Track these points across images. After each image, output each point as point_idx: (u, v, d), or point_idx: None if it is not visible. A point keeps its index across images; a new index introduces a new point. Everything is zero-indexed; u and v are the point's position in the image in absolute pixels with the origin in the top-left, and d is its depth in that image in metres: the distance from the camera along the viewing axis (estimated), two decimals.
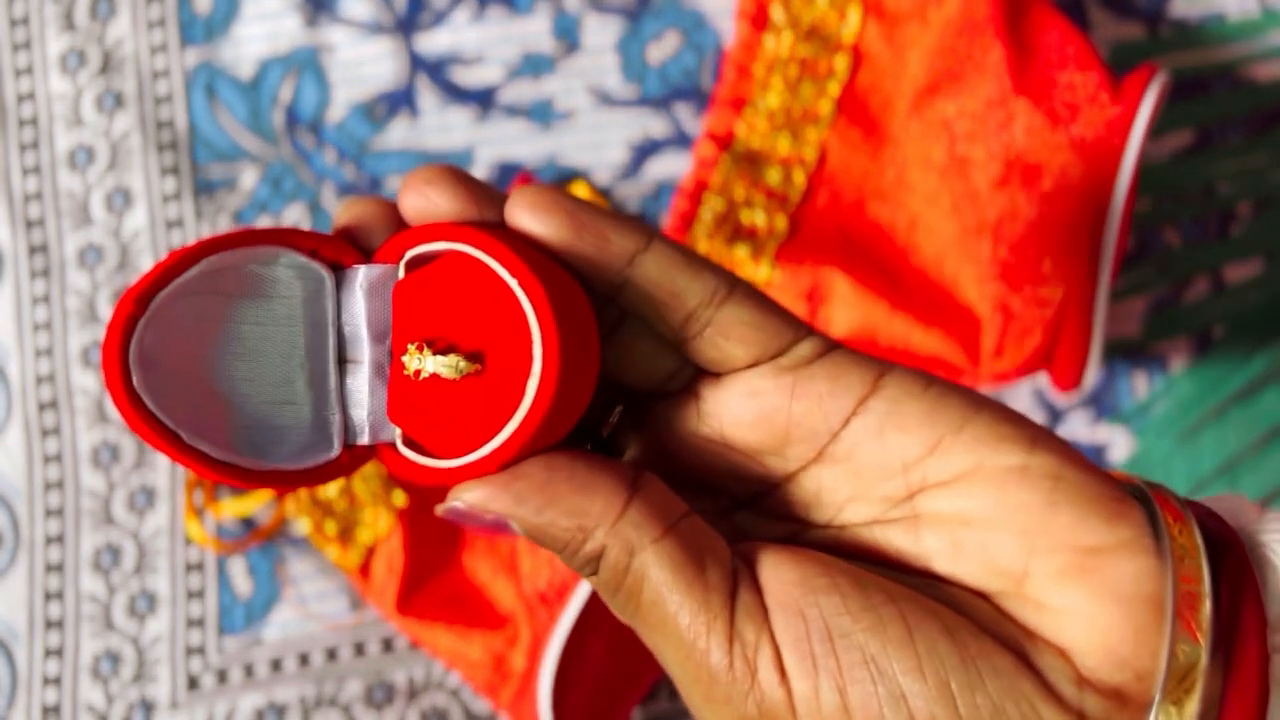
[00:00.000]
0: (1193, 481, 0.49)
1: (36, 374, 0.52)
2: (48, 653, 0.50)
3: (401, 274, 0.23)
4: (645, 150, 0.51)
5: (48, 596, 0.50)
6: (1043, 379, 0.49)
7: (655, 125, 0.52)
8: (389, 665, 0.50)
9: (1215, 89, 0.52)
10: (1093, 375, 0.45)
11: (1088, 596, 0.22)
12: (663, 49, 0.52)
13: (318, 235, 0.23)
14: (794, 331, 0.24)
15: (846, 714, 0.21)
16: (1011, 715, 0.21)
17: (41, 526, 0.51)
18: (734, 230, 0.48)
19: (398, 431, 0.23)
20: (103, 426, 0.51)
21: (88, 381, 0.51)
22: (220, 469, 0.22)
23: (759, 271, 0.48)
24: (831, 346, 0.24)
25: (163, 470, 0.51)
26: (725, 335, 0.24)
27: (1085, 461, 0.24)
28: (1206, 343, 0.51)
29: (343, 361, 0.23)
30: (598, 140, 0.52)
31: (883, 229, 0.48)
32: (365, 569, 0.48)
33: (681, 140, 0.51)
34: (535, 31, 0.53)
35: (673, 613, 0.22)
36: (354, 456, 0.23)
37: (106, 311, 0.52)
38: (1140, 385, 0.51)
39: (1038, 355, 0.46)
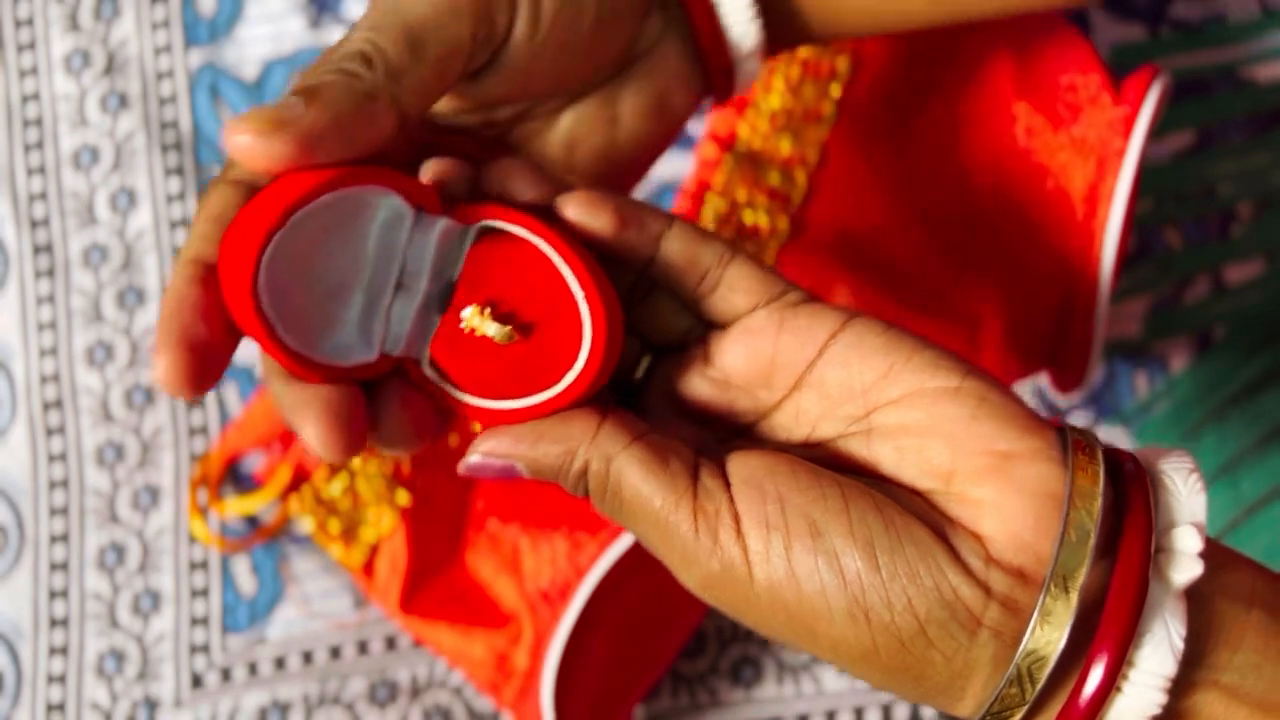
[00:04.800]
0: None
1: (41, 373, 0.52)
2: (52, 651, 0.50)
3: (471, 237, 0.28)
4: None
5: (52, 595, 0.51)
6: (1044, 379, 0.50)
7: None
8: (392, 663, 0.50)
9: (1216, 90, 0.52)
10: (1094, 375, 0.46)
11: (999, 490, 0.27)
12: None
13: (412, 180, 0.27)
14: (784, 285, 0.30)
15: (789, 565, 0.26)
16: (923, 576, 0.26)
17: (46, 525, 0.51)
18: (736, 231, 0.48)
19: (426, 352, 0.28)
20: (107, 425, 0.51)
21: (92, 381, 0.52)
22: (294, 358, 0.26)
23: None
24: (813, 299, 0.30)
25: (167, 469, 0.51)
26: (731, 288, 0.29)
27: (1010, 391, 0.28)
28: (1207, 343, 0.51)
29: (398, 286, 0.28)
30: None
31: (884, 229, 0.48)
32: (369, 567, 0.49)
33: (684, 141, 0.51)
34: None
35: (647, 498, 0.27)
36: (384, 361, 0.28)
37: (111, 311, 0.52)
38: (1141, 385, 0.51)
39: (1039, 355, 0.46)
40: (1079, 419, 0.50)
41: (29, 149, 0.53)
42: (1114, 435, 0.50)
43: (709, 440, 0.30)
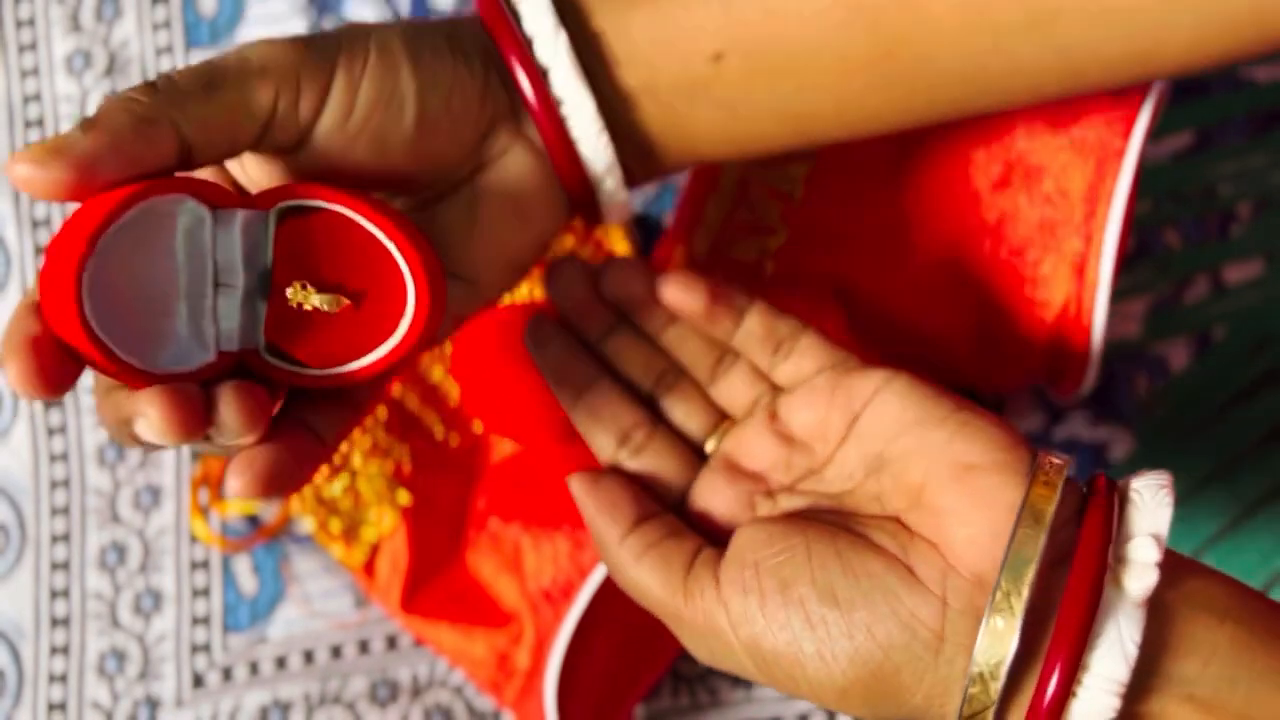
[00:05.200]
0: (1191, 482, 0.50)
1: None
2: (53, 650, 0.50)
3: (273, 221, 0.29)
4: None
5: (53, 594, 0.51)
6: (1043, 380, 0.50)
7: None
8: (393, 663, 0.50)
9: (1215, 90, 0.52)
10: (1093, 376, 0.46)
11: (960, 498, 0.29)
12: None
13: (203, 181, 0.28)
14: (845, 353, 0.34)
15: (764, 620, 0.29)
16: (878, 602, 0.28)
17: (47, 525, 0.51)
18: (736, 230, 0.48)
19: (262, 341, 0.29)
20: None
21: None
22: (135, 374, 0.27)
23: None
24: (867, 364, 0.34)
25: (168, 469, 0.51)
26: (803, 355, 0.35)
27: (998, 419, 0.31)
28: (1207, 343, 0.51)
29: (218, 285, 0.29)
30: None
31: (882, 229, 0.48)
32: (370, 567, 0.49)
33: None
34: None
35: (655, 597, 0.32)
36: (225, 359, 0.29)
37: None
38: (1141, 385, 0.51)
39: (1039, 355, 0.46)
40: (1079, 419, 0.50)
41: None
42: (1114, 435, 0.50)
43: (756, 497, 0.34)
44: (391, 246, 0.29)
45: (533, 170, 0.34)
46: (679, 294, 0.35)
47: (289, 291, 0.29)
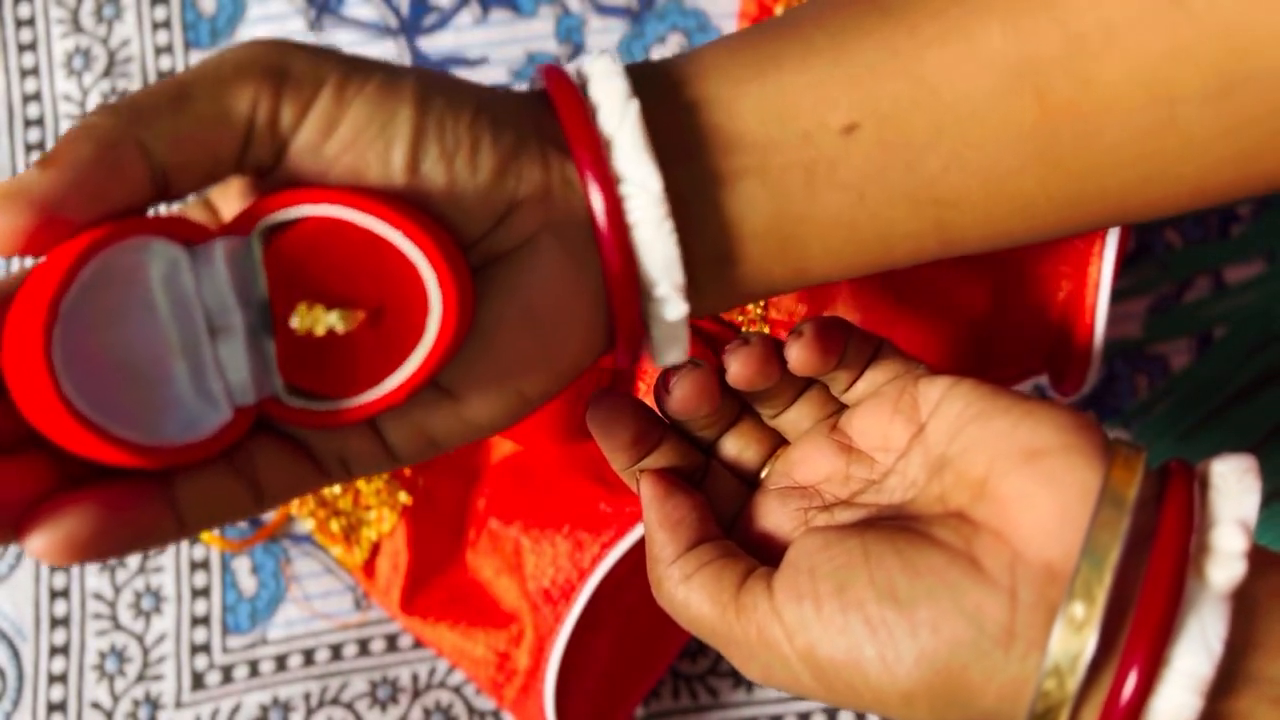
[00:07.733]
0: None
1: None
2: (53, 650, 0.50)
3: (258, 244, 0.25)
4: None
5: (54, 594, 0.51)
6: (1044, 379, 0.50)
7: None
8: (393, 663, 0.50)
9: None
10: (1094, 376, 0.46)
11: (1026, 482, 0.27)
12: (666, 51, 0.53)
13: (170, 218, 0.24)
14: (915, 363, 0.33)
15: (821, 625, 0.28)
16: (942, 597, 0.27)
17: None
18: None
19: (279, 384, 0.25)
20: None
21: None
22: (141, 453, 0.23)
23: None
24: (934, 372, 0.32)
25: None
26: (875, 368, 0.33)
27: (1065, 407, 0.29)
28: (1207, 343, 0.51)
29: (213, 332, 0.25)
30: None
31: None
32: (370, 567, 0.49)
33: None
34: (539, 33, 0.53)
35: (705, 617, 0.30)
36: (243, 416, 0.25)
37: None
38: (1141, 385, 0.51)
39: (1039, 356, 0.46)
40: None
41: (30, 149, 0.53)
42: (1114, 435, 0.50)
43: (811, 512, 0.32)
44: (397, 236, 0.24)
45: (558, 274, 0.27)
46: (802, 355, 0.32)
47: (294, 320, 0.24)
